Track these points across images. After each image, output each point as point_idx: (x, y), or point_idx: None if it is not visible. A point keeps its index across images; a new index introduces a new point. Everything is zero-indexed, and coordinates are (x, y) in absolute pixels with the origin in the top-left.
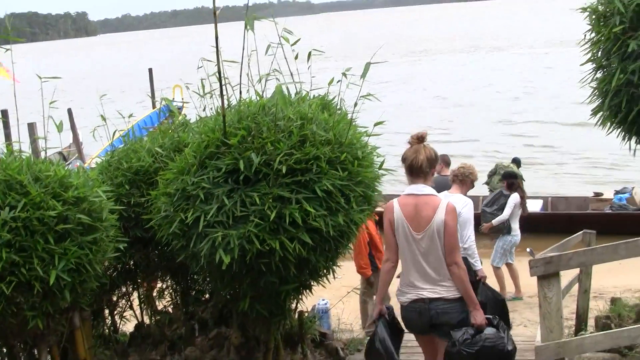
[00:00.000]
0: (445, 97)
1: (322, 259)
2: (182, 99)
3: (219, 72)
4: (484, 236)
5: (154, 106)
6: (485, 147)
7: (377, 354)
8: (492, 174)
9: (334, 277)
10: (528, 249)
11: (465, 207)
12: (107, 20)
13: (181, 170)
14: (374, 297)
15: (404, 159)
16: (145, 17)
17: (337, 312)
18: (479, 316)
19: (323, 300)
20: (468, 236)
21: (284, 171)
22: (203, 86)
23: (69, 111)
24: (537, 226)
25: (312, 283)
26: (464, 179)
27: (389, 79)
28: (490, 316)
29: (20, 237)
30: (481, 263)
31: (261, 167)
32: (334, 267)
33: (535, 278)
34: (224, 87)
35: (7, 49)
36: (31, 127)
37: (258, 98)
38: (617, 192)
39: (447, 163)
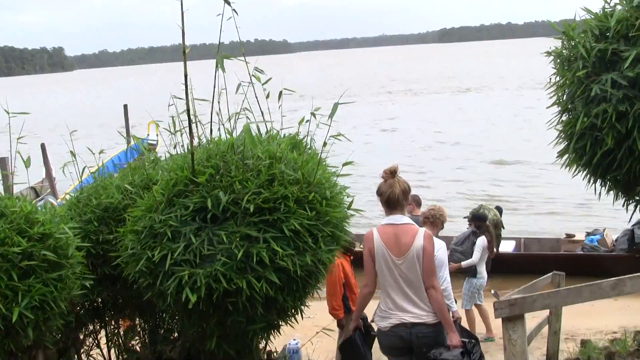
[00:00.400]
0: (418, 138)
1: (289, 298)
2: (157, 135)
3: (188, 111)
4: (458, 278)
5: (129, 143)
6: (459, 188)
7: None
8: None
9: (302, 317)
10: (492, 291)
11: (439, 250)
12: (84, 56)
13: (149, 207)
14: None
15: (380, 193)
16: (122, 54)
17: (309, 352)
18: (454, 338)
19: (294, 340)
20: (444, 278)
21: (251, 210)
22: (174, 123)
23: (42, 146)
24: (510, 267)
25: (280, 323)
26: (435, 221)
27: (362, 118)
28: (466, 340)
29: None
30: (456, 304)
31: (229, 205)
32: (302, 307)
33: None
34: (193, 125)
35: None
36: (2, 162)
37: (227, 136)
38: (588, 234)
39: (418, 203)
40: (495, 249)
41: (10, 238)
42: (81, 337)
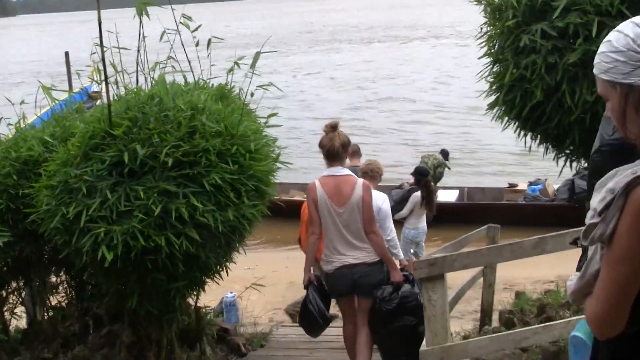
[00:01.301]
0: (357, 87)
1: (212, 255)
2: (100, 84)
3: (103, 60)
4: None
5: (70, 90)
6: (395, 139)
7: (310, 315)
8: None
9: (227, 274)
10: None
11: (384, 202)
12: (27, 1)
13: (64, 161)
14: None
15: (321, 146)
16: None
17: (246, 305)
18: (397, 274)
19: (230, 292)
20: (390, 229)
21: (169, 164)
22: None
23: None
24: (453, 217)
25: (205, 279)
26: (374, 175)
27: (308, 68)
28: (407, 273)
29: None
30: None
31: (147, 159)
32: (227, 264)
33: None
34: (119, 75)
35: None
36: None
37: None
38: (530, 184)
39: (358, 154)
40: (433, 207)
41: None
42: (4, 294)
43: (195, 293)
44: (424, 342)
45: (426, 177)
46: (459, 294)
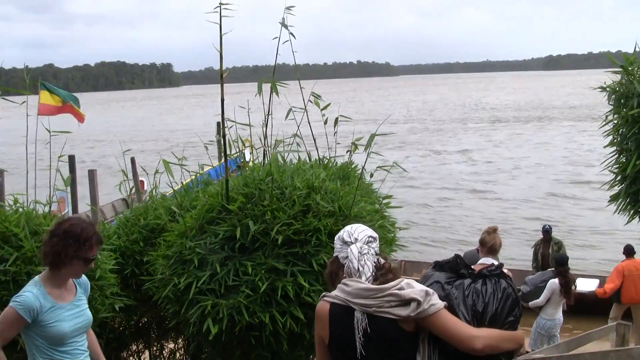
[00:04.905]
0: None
1: None
2: (251, 155)
3: (224, 136)
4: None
5: (224, 159)
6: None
7: None
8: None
9: None
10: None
11: None
12: (191, 72)
13: (182, 233)
14: None
15: (483, 243)
16: (227, 71)
17: None
18: None
19: None
20: None
21: (280, 242)
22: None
23: (132, 160)
24: (592, 307)
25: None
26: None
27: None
28: None
29: (8, 292)
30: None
31: (259, 236)
32: None
33: None
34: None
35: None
36: (91, 174)
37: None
38: None
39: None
40: (571, 296)
41: (38, 257)
42: (124, 356)
43: None
44: None
45: (565, 265)
46: None
